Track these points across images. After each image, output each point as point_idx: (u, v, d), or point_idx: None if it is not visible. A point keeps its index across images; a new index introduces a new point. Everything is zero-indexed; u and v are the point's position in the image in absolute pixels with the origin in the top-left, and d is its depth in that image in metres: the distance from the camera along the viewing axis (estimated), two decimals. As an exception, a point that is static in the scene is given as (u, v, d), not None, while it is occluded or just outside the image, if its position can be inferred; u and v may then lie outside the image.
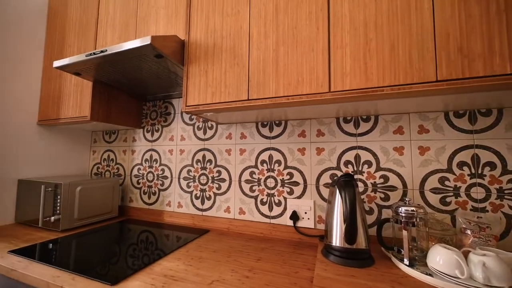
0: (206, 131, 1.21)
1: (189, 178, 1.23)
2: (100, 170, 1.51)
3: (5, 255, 0.79)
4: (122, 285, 0.62)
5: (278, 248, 0.89)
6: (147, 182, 1.34)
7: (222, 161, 1.16)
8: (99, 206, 1.19)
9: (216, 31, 0.84)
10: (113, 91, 1.21)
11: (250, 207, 1.08)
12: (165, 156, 1.30)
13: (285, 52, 0.72)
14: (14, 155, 1.17)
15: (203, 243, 0.94)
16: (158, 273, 0.69)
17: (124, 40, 1.06)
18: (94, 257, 0.80)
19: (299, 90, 0.69)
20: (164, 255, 0.81)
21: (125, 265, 0.74)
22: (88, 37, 1.16)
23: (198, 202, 1.19)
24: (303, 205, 0.98)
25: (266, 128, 1.09)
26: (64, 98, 1.19)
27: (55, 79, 1.24)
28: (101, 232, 1.06)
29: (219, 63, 0.82)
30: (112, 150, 1.47)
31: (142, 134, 1.39)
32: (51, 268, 0.71)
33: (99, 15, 1.14)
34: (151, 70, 0.95)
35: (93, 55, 0.83)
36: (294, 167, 1.02)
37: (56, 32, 1.27)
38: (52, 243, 0.91)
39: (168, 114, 1.32)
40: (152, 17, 1.01)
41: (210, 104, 0.82)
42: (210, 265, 0.74)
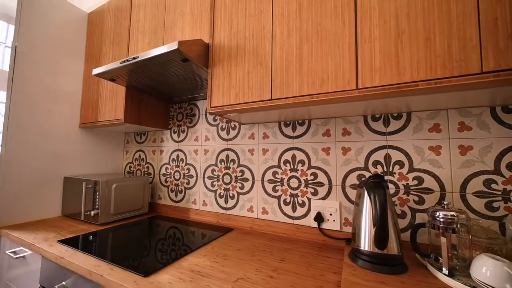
0: (229, 131, 1.24)
1: (213, 177, 1.26)
2: (132, 169, 1.62)
3: (54, 244, 0.89)
4: (153, 278, 0.66)
5: (302, 249, 0.87)
6: (174, 180, 1.40)
7: (245, 161, 1.17)
8: (131, 202, 1.28)
9: (239, 32, 0.85)
10: (143, 95, 1.29)
11: (273, 207, 1.08)
12: (191, 156, 1.36)
13: (309, 50, 0.71)
14: (60, 155, 1.31)
15: (227, 241, 0.96)
16: (186, 268, 0.72)
17: (154, 46, 1.12)
18: (127, 249, 0.86)
19: (324, 88, 0.67)
20: (191, 251, 0.84)
21: (154, 258, 0.78)
22: (121, 45, 1.25)
23: (222, 201, 1.22)
24: (328, 207, 0.95)
25: (289, 128, 1.08)
26: (101, 103, 1.29)
27: (93, 86, 1.35)
28: (134, 226, 1.14)
29: (242, 64, 0.83)
30: (143, 150, 1.57)
31: (169, 135, 1.46)
32: (92, 257, 0.78)
33: (131, 24, 1.23)
34: (177, 73, 0.99)
35: (127, 62, 0.89)
36: (318, 167, 0.99)
37: (94, 42, 1.39)
38: (92, 235, 1.00)
39: (193, 116, 1.37)
40: (178, 23, 1.05)
41: (234, 105, 0.83)
42: (234, 263, 0.75)
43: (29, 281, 0.92)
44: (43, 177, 1.23)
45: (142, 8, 1.19)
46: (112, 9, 1.33)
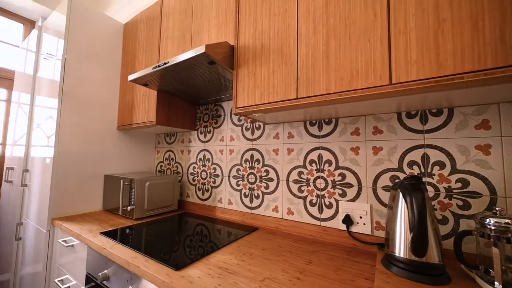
0: (254, 131, 1.25)
1: (238, 176, 1.28)
2: (162, 168, 1.71)
3: (97, 235, 0.98)
4: (184, 272, 0.69)
5: (330, 252, 0.84)
6: (201, 179, 1.46)
7: (270, 161, 1.17)
8: (162, 199, 1.36)
9: (263, 32, 0.85)
10: (172, 98, 1.36)
11: (298, 208, 1.06)
12: (216, 155, 1.40)
13: (336, 46, 0.68)
14: (101, 155, 1.44)
15: (252, 240, 0.96)
16: (214, 264, 0.74)
17: (182, 51, 1.17)
18: (159, 243, 0.91)
19: (353, 85, 0.64)
20: (217, 249, 0.86)
21: (183, 253, 0.82)
22: (153, 52, 1.33)
23: (247, 200, 1.24)
24: (358, 209, 0.90)
25: (315, 127, 1.05)
26: (136, 106, 1.40)
27: (129, 91, 1.46)
28: (164, 222, 1.21)
29: (267, 63, 0.83)
30: (172, 150, 1.66)
31: (196, 135, 1.52)
32: (130, 249, 0.85)
33: (161, 32, 1.30)
34: (204, 76, 1.03)
35: (158, 67, 0.95)
36: (346, 167, 0.95)
37: (129, 50, 1.51)
38: (128, 229, 1.08)
39: (219, 116, 1.41)
40: (205, 27, 1.09)
41: (259, 105, 0.84)
42: (260, 262, 0.75)
43: (77, 268, 1.03)
44: (87, 175, 1.37)
45: (171, 16, 1.26)
46: (144, 19, 1.42)
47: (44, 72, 1.46)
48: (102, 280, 0.84)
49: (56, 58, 1.34)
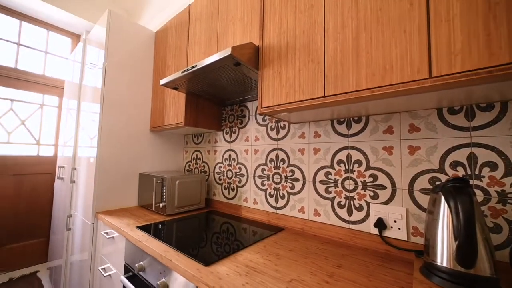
0: (278, 131, 1.24)
1: (263, 176, 1.29)
2: (190, 167, 1.79)
3: (134, 229, 1.06)
4: (213, 268, 0.71)
5: (360, 257, 0.80)
6: (227, 178, 1.49)
7: (295, 161, 1.16)
8: (191, 197, 1.42)
9: (289, 30, 0.84)
10: (199, 100, 1.42)
11: (326, 209, 1.03)
12: (242, 155, 1.42)
13: (367, 40, 0.65)
14: (136, 155, 1.56)
15: (278, 240, 0.96)
16: (241, 262, 0.75)
17: (208, 54, 1.21)
18: (188, 239, 0.95)
19: (387, 80, 0.60)
20: (244, 247, 0.87)
21: (210, 250, 0.85)
22: (181, 57, 1.40)
23: (272, 200, 1.23)
24: (392, 213, 0.85)
25: (343, 126, 1.01)
26: (166, 109, 1.48)
27: (160, 94, 1.56)
28: (193, 219, 1.26)
29: (293, 62, 0.82)
30: (199, 150, 1.73)
31: (222, 136, 1.56)
32: (162, 243, 0.90)
33: (189, 37, 1.36)
34: (229, 77, 1.05)
35: (187, 71, 0.99)
36: (378, 168, 0.90)
37: (160, 56, 1.60)
38: (161, 224, 1.15)
39: (244, 117, 1.43)
40: (230, 30, 1.12)
41: (284, 104, 0.83)
42: (287, 263, 0.75)
43: (117, 258, 1.12)
44: (124, 173, 1.49)
45: (198, 22, 1.31)
46: (173, 26, 1.50)
47: (88, 80, 1.62)
48: (138, 270, 0.91)
49: (98, 67, 1.48)
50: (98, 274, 1.28)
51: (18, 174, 2.19)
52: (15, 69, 2.22)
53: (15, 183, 2.17)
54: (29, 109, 2.29)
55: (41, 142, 2.36)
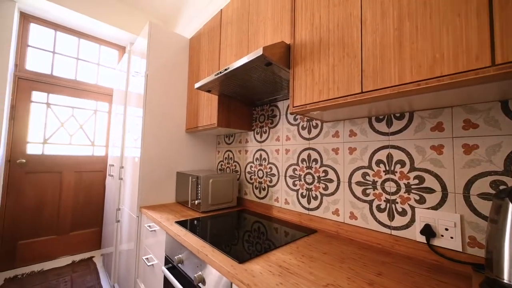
0: (310, 130, 1.21)
1: (295, 176, 1.27)
2: (222, 167, 1.85)
3: (173, 224, 1.14)
4: (246, 265, 0.73)
5: (404, 266, 0.74)
6: (258, 178, 1.51)
7: (329, 161, 1.11)
8: (223, 195, 1.46)
9: (321, 26, 0.81)
10: (231, 101, 1.46)
11: (363, 212, 0.97)
12: (272, 155, 1.41)
13: (412, 28, 0.59)
14: (174, 154, 1.67)
15: (312, 242, 0.93)
16: (274, 262, 0.75)
17: (239, 56, 1.24)
18: (221, 236, 0.99)
19: (437, 71, 0.54)
20: (275, 247, 0.87)
21: (242, 247, 0.86)
22: (214, 61, 1.46)
23: (304, 201, 1.21)
24: (443, 219, 0.76)
25: (382, 123, 0.93)
26: (200, 111, 1.55)
27: (194, 97, 1.64)
28: (225, 217, 1.30)
29: (326, 58, 0.79)
30: (231, 150, 1.77)
31: (253, 136, 1.58)
32: (198, 239, 0.95)
33: (221, 41, 1.41)
34: (260, 77, 1.06)
35: (220, 74, 1.03)
36: (425, 169, 0.81)
37: (194, 61, 1.69)
38: (196, 220, 1.21)
39: (274, 117, 1.43)
40: (260, 30, 1.12)
41: (317, 103, 0.80)
42: (322, 267, 0.72)
43: (158, 249, 1.22)
44: (164, 172, 1.61)
45: (229, 25, 1.35)
46: (206, 31, 1.57)
47: (133, 87, 1.79)
48: (177, 263, 0.98)
49: (140, 75, 1.62)
50: (142, 263, 1.40)
51: (78, 171, 2.53)
52: (75, 80, 2.56)
53: (76, 178, 2.51)
54: (85, 114, 2.63)
55: (95, 143, 2.68)
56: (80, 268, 2.24)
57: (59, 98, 2.46)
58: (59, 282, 1.98)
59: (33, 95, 2.31)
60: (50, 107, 2.41)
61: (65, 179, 2.45)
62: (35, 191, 2.28)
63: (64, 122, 2.48)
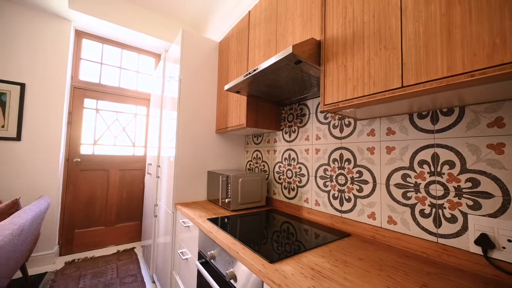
0: (342, 129, 1.15)
1: (326, 177, 1.22)
2: (251, 166, 1.88)
3: (205, 221, 1.19)
4: (277, 266, 0.72)
5: (454, 279, 0.66)
6: (287, 178, 1.49)
7: (363, 161, 1.05)
8: (252, 195, 1.48)
9: (355, 19, 0.77)
10: (259, 101, 1.47)
11: (403, 217, 0.89)
12: (302, 155, 1.39)
13: (463, 13, 0.52)
14: (205, 154, 1.74)
15: (345, 246, 0.89)
16: (305, 264, 0.74)
17: (268, 56, 1.24)
18: (251, 234, 1.00)
19: (496, 59, 0.47)
20: (306, 249, 0.85)
21: (271, 247, 0.86)
22: (242, 62, 1.48)
23: (336, 203, 1.16)
24: (504, 228, 0.66)
25: (426, 120, 0.85)
26: (229, 112, 1.60)
27: (224, 99, 1.69)
28: (254, 216, 1.31)
29: (360, 53, 0.75)
30: (259, 150, 1.79)
31: (281, 135, 1.57)
32: (229, 236, 0.97)
33: (249, 42, 1.43)
34: (288, 77, 1.04)
35: (249, 75, 1.04)
36: (480, 171, 0.72)
37: (223, 64, 1.74)
38: (227, 218, 1.25)
39: (303, 116, 1.40)
40: (289, 29, 1.11)
41: (351, 100, 0.76)
42: (358, 273, 0.68)
43: (192, 244, 1.29)
44: (196, 171, 1.69)
45: (258, 26, 1.36)
46: (235, 33, 1.61)
47: (168, 92, 1.91)
48: (210, 258, 1.01)
49: (174, 80, 1.73)
50: (177, 256, 1.49)
51: (122, 169, 2.79)
52: (118, 87, 2.84)
53: (120, 176, 2.78)
54: (127, 118, 2.89)
55: (136, 144, 2.93)
56: (124, 257, 2.48)
57: (105, 104, 2.75)
58: (107, 269, 2.21)
59: (85, 102, 2.61)
60: (98, 112, 2.70)
61: (111, 177, 2.72)
62: (87, 187, 2.58)
63: (110, 125, 2.77)
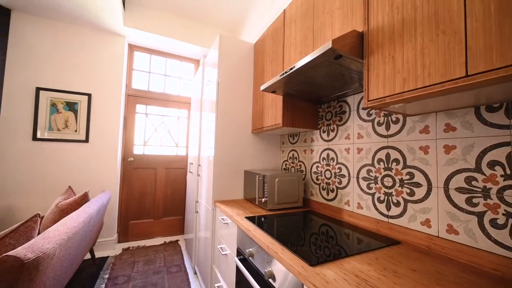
0: (389, 126, 1.05)
1: (370, 178, 1.13)
2: (287, 166, 1.85)
3: (243, 219, 1.22)
4: (318, 269, 0.70)
5: (543, 306, 0.54)
6: (325, 179, 1.43)
7: (415, 161, 0.94)
8: (289, 195, 1.46)
9: (404, 4, 0.70)
10: (295, 100, 1.44)
11: (468, 227, 0.77)
12: (342, 155, 1.31)
13: (554, -21, 0.43)
14: (241, 154, 1.79)
15: (394, 255, 0.81)
16: (349, 270, 0.69)
17: (305, 53, 1.21)
18: (288, 235, 0.98)
19: None
20: (347, 255, 0.80)
21: (309, 249, 0.84)
22: (278, 61, 1.48)
23: (382, 207, 1.06)
24: None
25: (498, 113, 0.72)
26: (265, 112, 1.60)
27: (259, 99, 1.71)
28: (291, 217, 1.29)
29: (412, 41, 0.67)
30: (296, 150, 1.75)
31: (319, 134, 1.51)
32: (267, 235, 0.98)
33: (284, 41, 1.41)
34: (326, 73, 1.00)
35: (285, 74, 1.03)
36: None
37: (258, 65, 1.76)
38: (263, 218, 1.26)
39: (343, 113, 1.32)
40: (327, 23, 1.06)
41: (401, 94, 0.69)
42: (411, 285, 0.62)
43: (231, 241, 1.33)
44: (233, 170, 1.74)
45: (293, 23, 1.33)
46: (270, 33, 1.61)
47: (206, 95, 2.02)
48: (248, 256, 1.04)
49: (213, 83, 1.81)
50: (217, 251, 1.56)
51: (167, 168, 3.06)
52: (163, 93, 3.11)
53: (166, 174, 3.05)
54: (171, 120, 3.15)
55: (178, 144, 3.18)
56: (169, 248, 2.70)
57: (153, 109, 3.04)
58: (156, 258, 2.44)
59: (136, 107, 2.94)
60: (147, 116, 3.01)
61: (158, 174, 3.00)
62: (139, 183, 2.90)
63: (156, 127, 3.06)
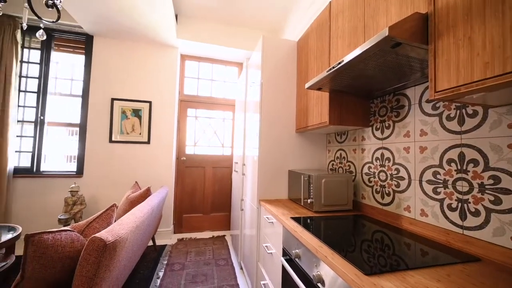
0: (463, 120, 0.89)
1: (437, 182, 0.98)
2: (334, 167, 1.76)
3: (289, 219, 1.20)
4: (375, 280, 0.64)
5: None
6: (379, 181, 1.30)
7: (500, 163, 0.77)
8: (337, 197, 1.38)
9: (486, -27, 0.58)
10: (343, 96, 1.35)
11: None
12: (400, 154, 1.17)
13: None
14: (285, 154, 1.77)
15: (473, 274, 0.68)
16: (412, 285, 0.61)
17: (354, 45, 1.13)
18: (336, 239, 0.93)
19: None
20: (408, 268, 0.71)
21: (360, 256, 0.78)
22: (323, 57, 1.41)
23: (455, 215, 0.91)
24: None
25: None
26: (310, 110, 1.55)
27: (303, 97, 1.67)
28: (340, 220, 1.22)
29: (497, 17, 0.55)
30: (343, 149, 1.65)
31: (371, 132, 1.38)
32: (314, 237, 0.94)
33: (331, 34, 1.34)
34: (379, 64, 0.90)
35: (333, 69, 0.98)
36: None
37: (302, 62, 1.72)
38: (309, 219, 1.22)
39: (401, 108, 1.18)
40: (381, 9, 0.96)
41: (482, 81, 0.58)
42: (500, 313, 0.51)
43: (276, 240, 1.34)
44: (277, 170, 1.74)
45: (340, 14, 1.25)
46: (314, 28, 1.55)
47: (250, 96, 2.08)
48: (295, 257, 1.02)
49: (256, 85, 1.85)
50: (262, 249, 1.59)
51: (214, 167, 3.26)
52: (210, 97, 3.33)
53: (213, 172, 3.25)
54: (217, 122, 3.35)
55: (224, 145, 3.35)
56: (217, 242, 2.88)
57: (201, 112, 3.29)
58: (206, 250, 2.63)
59: (187, 111, 3.22)
60: (197, 119, 3.27)
61: (207, 173, 3.23)
62: (190, 180, 3.17)
63: (204, 129, 3.29)
